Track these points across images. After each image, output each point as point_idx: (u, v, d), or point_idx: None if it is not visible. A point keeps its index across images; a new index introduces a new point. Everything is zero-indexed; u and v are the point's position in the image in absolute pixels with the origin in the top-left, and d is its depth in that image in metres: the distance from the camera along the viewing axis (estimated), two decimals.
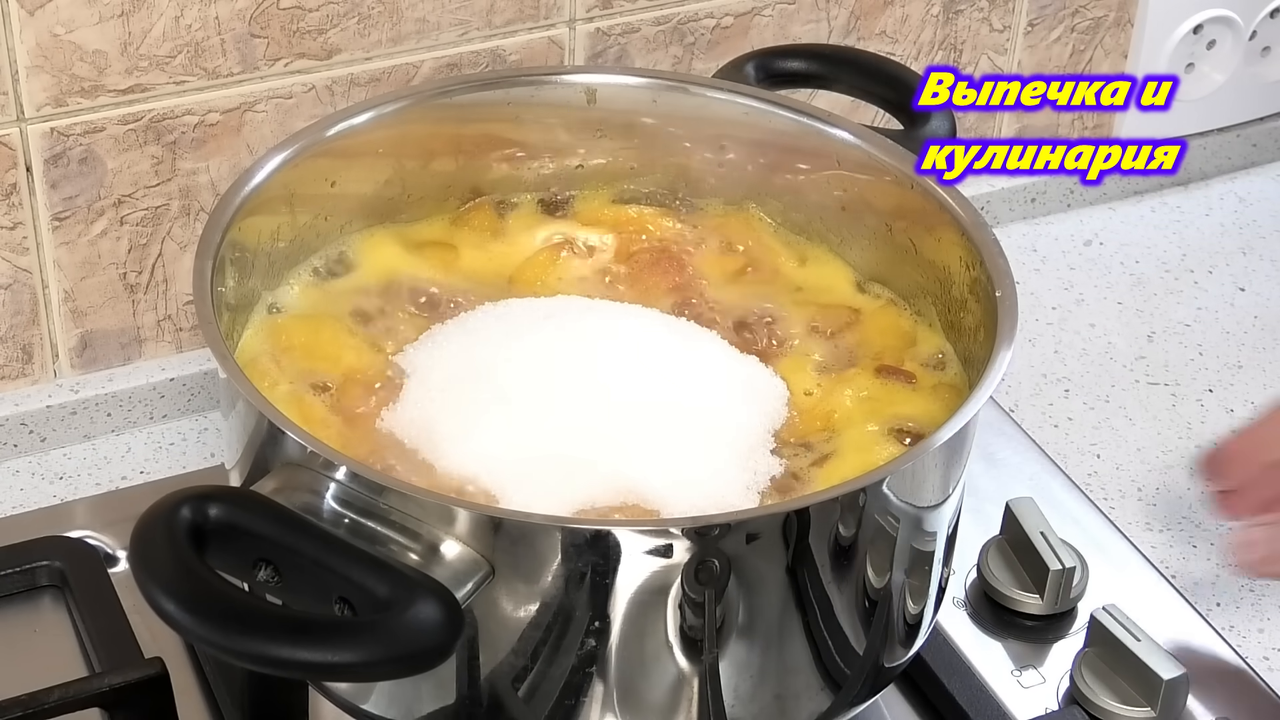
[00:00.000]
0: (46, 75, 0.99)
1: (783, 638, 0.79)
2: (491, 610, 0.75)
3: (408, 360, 0.90)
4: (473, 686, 0.78)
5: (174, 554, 0.70)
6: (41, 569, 0.97)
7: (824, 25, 1.18)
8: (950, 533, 0.86)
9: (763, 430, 0.87)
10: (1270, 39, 1.32)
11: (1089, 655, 0.94)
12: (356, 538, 0.74)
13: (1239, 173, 1.38)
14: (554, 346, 0.90)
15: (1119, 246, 1.30)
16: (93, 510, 1.03)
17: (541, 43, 1.11)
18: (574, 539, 0.74)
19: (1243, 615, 1.01)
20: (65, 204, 1.03)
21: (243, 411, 0.80)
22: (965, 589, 0.99)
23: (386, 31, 1.06)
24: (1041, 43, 1.27)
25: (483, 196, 1.00)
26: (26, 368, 1.07)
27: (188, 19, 1.01)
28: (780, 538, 0.76)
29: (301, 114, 1.06)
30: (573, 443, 0.84)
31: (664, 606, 0.76)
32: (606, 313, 0.94)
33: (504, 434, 0.84)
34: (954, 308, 0.92)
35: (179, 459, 1.08)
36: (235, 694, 0.91)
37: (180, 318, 1.09)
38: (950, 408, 0.84)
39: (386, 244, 0.97)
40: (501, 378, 0.87)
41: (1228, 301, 1.25)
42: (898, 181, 0.94)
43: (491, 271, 0.97)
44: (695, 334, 0.93)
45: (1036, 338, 1.21)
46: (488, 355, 0.89)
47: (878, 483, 0.78)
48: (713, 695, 0.79)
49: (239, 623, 0.69)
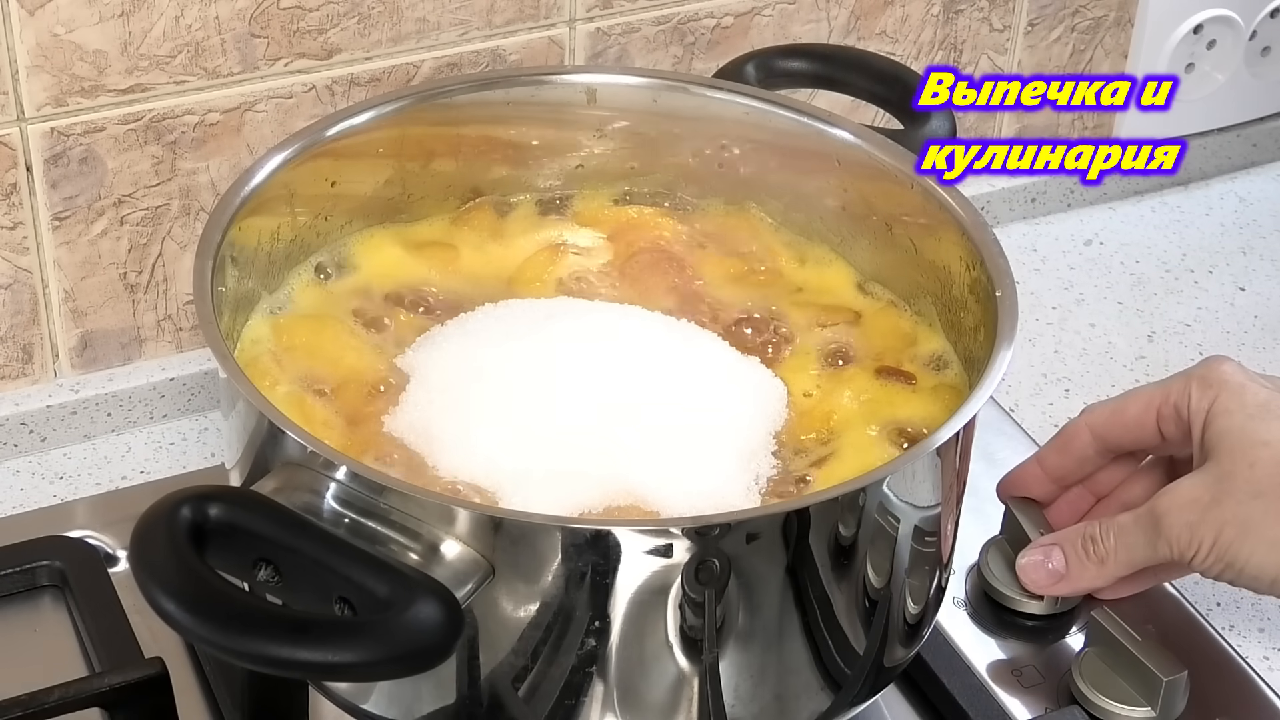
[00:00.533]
0: (46, 75, 0.99)
1: (783, 638, 0.79)
2: (491, 610, 0.75)
3: (407, 362, 0.90)
4: (473, 686, 0.78)
5: (174, 554, 0.70)
6: (41, 569, 0.97)
7: (824, 25, 1.18)
8: (951, 533, 0.86)
9: (762, 431, 0.87)
10: (1270, 39, 1.32)
11: (1089, 655, 0.93)
12: (357, 538, 0.74)
13: (1239, 173, 1.38)
14: (554, 348, 0.90)
15: (1119, 246, 1.30)
16: (93, 510, 1.03)
17: (541, 43, 1.11)
18: (574, 539, 0.74)
19: (1243, 615, 1.01)
20: (65, 204, 1.03)
21: (243, 411, 0.80)
22: (965, 589, 0.99)
23: (386, 31, 1.06)
24: (1041, 43, 1.27)
25: (483, 197, 1.00)
26: (27, 367, 1.07)
27: (188, 19, 1.01)
28: (780, 538, 0.76)
29: (301, 114, 1.06)
30: (573, 444, 0.84)
31: (664, 606, 0.76)
32: (606, 314, 0.94)
33: (504, 436, 0.84)
34: (954, 308, 0.92)
35: (179, 459, 1.08)
36: (235, 694, 0.91)
37: (180, 318, 1.09)
38: (950, 408, 0.84)
39: (386, 244, 0.97)
40: (501, 379, 0.87)
41: (1228, 301, 1.25)
42: (898, 181, 0.94)
43: (491, 272, 0.97)
44: (695, 335, 0.93)
45: (1036, 338, 1.21)
46: (488, 356, 0.89)
47: (878, 483, 0.78)
48: (713, 695, 0.79)
49: (239, 623, 0.69)
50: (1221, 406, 0.91)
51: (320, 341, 0.90)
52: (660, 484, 0.83)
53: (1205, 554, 0.89)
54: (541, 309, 0.93)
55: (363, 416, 0.86)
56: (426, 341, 0.91)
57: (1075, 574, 0.93)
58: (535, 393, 0.87)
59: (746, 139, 0.99)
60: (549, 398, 0.86)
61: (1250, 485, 0.88)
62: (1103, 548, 0.92)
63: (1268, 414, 0.90)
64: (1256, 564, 0.88)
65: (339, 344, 0.90)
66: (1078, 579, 0.93)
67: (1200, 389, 0.92)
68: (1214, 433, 0.90)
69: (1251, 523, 0.88)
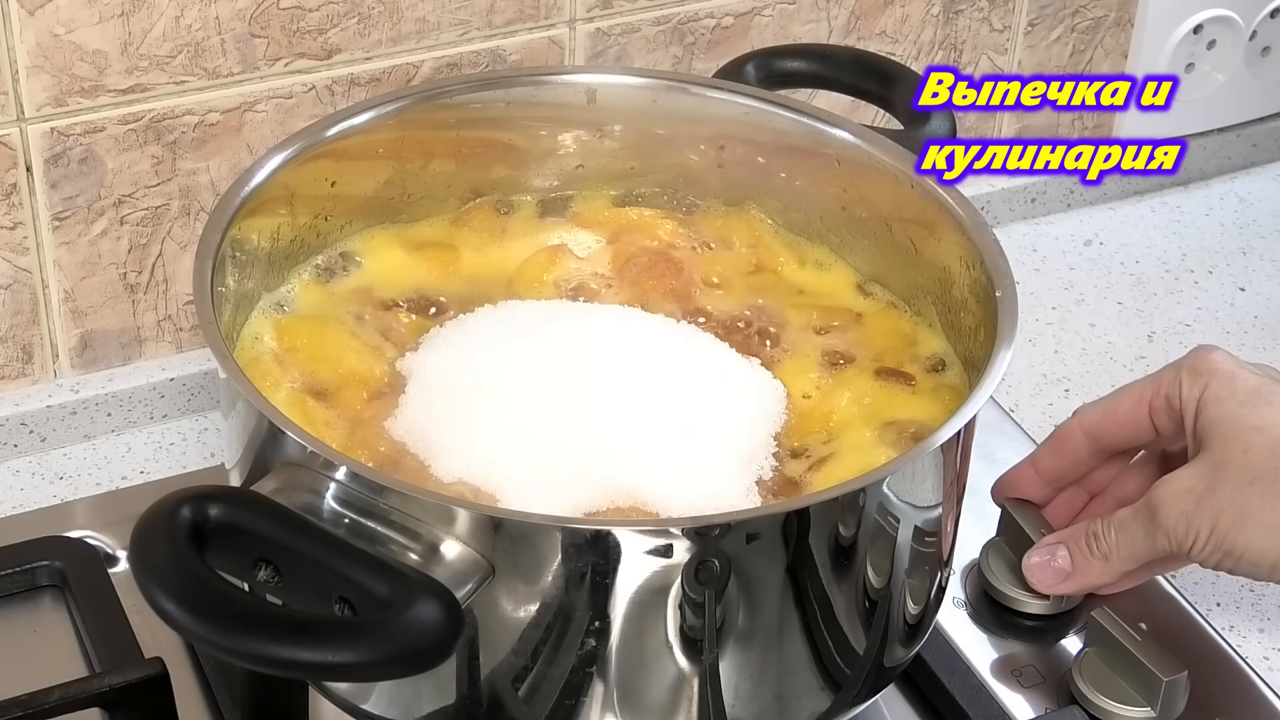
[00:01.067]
0: (46, 75, 0.99)
1: (783, 638, 0.79)
2: (491, 610, 0.75)
3: (407, 364, 0.89)
4: (473, 686, 0.78)
5: (174, 554, 0.70)
6: (41, 569, 0.97)
7: (824, 25, 1.18)
8: (950, 533, 0.86)
9: (762, 432, 0.87)
10: (1270, 39, 1.32)
11: (1089, 655, 0.93)
12: (356, 538, 0.74)
13: (1239, 173, 1.38)
14: (554, 349, 0.90)
15: (1119, 246, 1.30)
16: (93, 510, 1.03)
17: (541, 43, 1.11)
18: (574, 539, 0.74)
19: (1243, 615, 1.01)
20: (65, 204, 1.03)
21: (243, 411, 0.80)
22: (965, 589, 0.99)
23: (386, 31, 1.06)
24: (1041, 43, 1.27)
25: (482, 197, 1.00)
26: (26, 368, 1.07)
27: (188, 19, 1.01)
28: (780, 538, 0.76)
29: (301, 114, 1.06)
30: (572, 445, 0.84)
31: (664, 606, 0.76)
32: (606, 315, 0.94)
33: (504, 438, 0.84)
34: (954, 308, 0.92)
35: (179, 459, 1.08)
36: (235, 694, 0.91)
37: (180, 318, 1.09)
38: (950, 409, 0.84)
39: (386, 244, 0.97)
40: (501, 381, 0.87)
41: (1228, 301, 1.25)
42: (898, 181, 0.94)
43: (491, 272, 0.97)
44: (695, 336, 0.93)
45: (1036, 338, 1.21)
46: (487, 359, 0.89)
47: (878, 483, 0.78)
48: (713, 695, 0.79)
49: (239, 623, 0.69)
50: (1212, 394, 0.91)
51: (320, 343, 0.90)
52: (660, 485, 0.83)
53: (1203, 543, 0.89)
54: (541, 310, 0.93)
55: (363, 418, 0.86)
56: (426, 344, 0.91)
57: (1081, 571, 0.93)
58: (534, 394, 0.87)
59: (746, 139, 0.99)
60: (548, 399, 0.86)
61: (1245, 471, 0.88)
62: (1105, 544, 0.92)
63: (1259, 399, 0.90)
64: (1255, 550, 0.88)
65: (339, 345, 0.90)
66: (1084, 576, 0.93)
67: (1190, 378, 0.92)
68: (1206, 421, 0.90)
69: (1248, 509, 0.88)
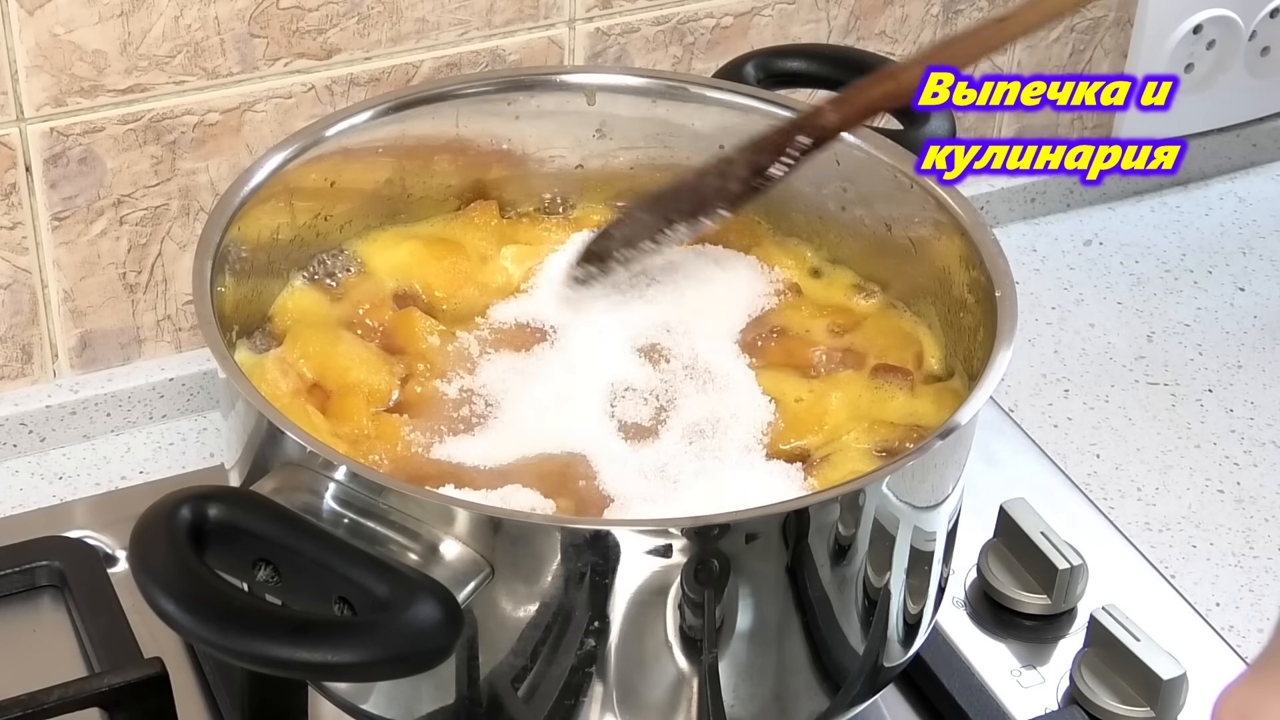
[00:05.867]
0: (46, 75, 0.99)
1: (782, 638, 0.79)
2: (491, 610, 0.75)
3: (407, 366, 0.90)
4: (473, 686, 0.78)
5: (174, 554, 0.70)
6: (41, 569, 0.97)
7: (824, 25, 1.18)
8: (950, 533, 0.86)
9: (761, 433, 0.87)
10: (1270, 39, 1.32)
11: (1089, 655, 0.94)
12: (356, 538, 0.74)
13: (1239, 173, 1.38)
14: (553, 350, 0.90)
15: (1119, 246, 1.30)
16: (92, 510, 1.03)
17: (541, 43, 1.11)
18: (574, 539, 0.74)
19: (1243, 615, 1.01)
20: (65, 204, 1.03)
21: (242, 411, 0.80)
22: (965, 589, 0.99)
23: (386, 31, 1.06)
24: (1041, 43, 1.27)
25: (482, 197, 1.00)
26: (26, 368, 1.07)
27: (187, 19, 1.01)
28: (780, 538, 0.76)
29: (301, 114, 1.06)
30: (572, 446, 0.84)
31: (663, 606, 0.76)
32: (605, 316, 0.93)
33: (503, 439, 0.84)
34: (954, 308, 0.92)
35: (179, 459, 1.08)
36: (235, 694, 0.91)
37: (180, 318, 1.09)
38: (950, 409, 0.84)
39: (386, 244, 0.97)
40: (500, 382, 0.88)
41: (1228, 301, 1.25)
42: (898, 181, 0.94)
43: (490, 273, 0.97)
44: (694, 337, 0.93)
45: (1036, 338, 1.21)
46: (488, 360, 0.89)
47: (877, 483, 0.78)
48: (712, 695, 0.79)
49: (239, 623, 0.69)
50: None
51: (320, 344, 0.90)
52: (659, 485, 0.83)
53: None
54: (540, 311, 0.94)
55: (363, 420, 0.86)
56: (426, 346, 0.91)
57: None
58: (533, 396, 0.87)
59: (746, 139, 0.99)
60: (547, 401, 0.87)
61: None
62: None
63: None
64: None
65: (339, 346, 0.90)
66: None
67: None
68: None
69: None
